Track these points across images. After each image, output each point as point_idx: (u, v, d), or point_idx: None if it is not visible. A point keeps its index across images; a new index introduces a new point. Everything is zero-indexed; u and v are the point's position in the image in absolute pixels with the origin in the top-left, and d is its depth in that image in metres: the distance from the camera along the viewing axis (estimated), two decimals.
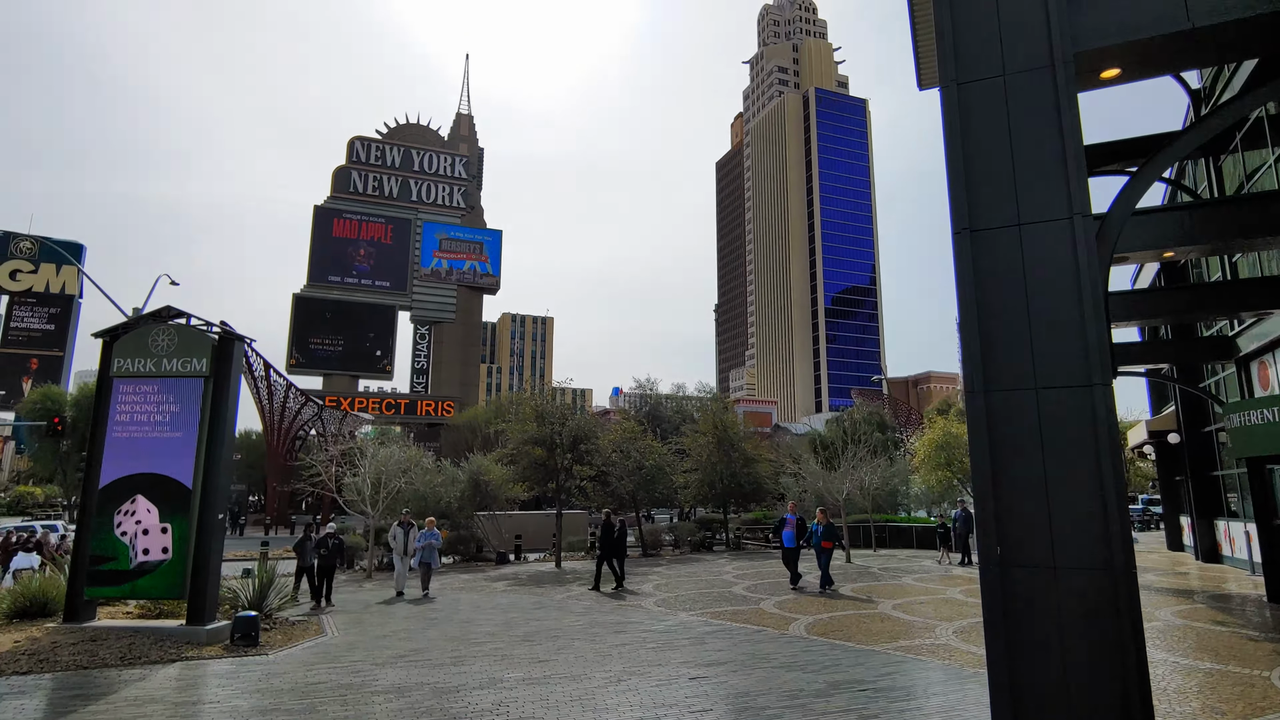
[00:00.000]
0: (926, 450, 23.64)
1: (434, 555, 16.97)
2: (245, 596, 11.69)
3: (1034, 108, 5.89)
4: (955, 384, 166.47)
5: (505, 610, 13.91)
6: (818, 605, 13.93)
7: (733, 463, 30.66)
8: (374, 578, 21.61)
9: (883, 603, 14.04)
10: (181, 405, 10.65)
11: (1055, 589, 5.23)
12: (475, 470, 26.76)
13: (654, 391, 50.64)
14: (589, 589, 17.11)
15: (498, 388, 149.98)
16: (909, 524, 28.06)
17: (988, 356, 5.80)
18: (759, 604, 14.12)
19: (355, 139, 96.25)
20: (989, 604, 5.48)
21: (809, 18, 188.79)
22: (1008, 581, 5.41)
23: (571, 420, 24.59)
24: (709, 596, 15.43)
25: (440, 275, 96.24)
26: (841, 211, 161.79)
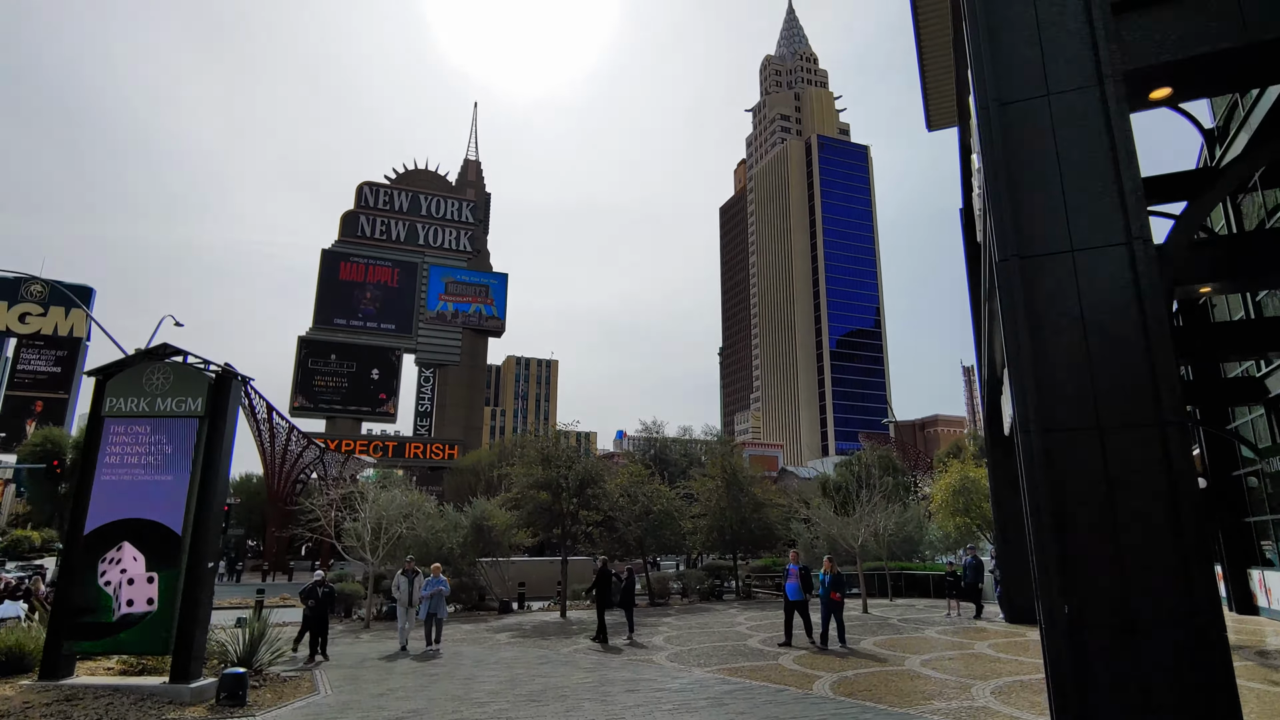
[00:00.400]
0: (944, 495, 22.91)
1: (442, 605, 15.68)
2: (235, 650, 11.01)
3: (1083, 127, 5.52)
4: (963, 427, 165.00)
5: (509, 665, 13.15)
6: (840, 661, 13.15)
7: (742, 507, 29.89)
8: (372, 628, 20.79)
9: (909, 658, 13.25)
10: (174, 446, 10.18)
11: (1135, 652, 4.65)
12: (479, 515, 26.03)
13: (660, 434, 49.96)
14: (592, 639, 16.35)
15: (501, 430, 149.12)
16: (925, 572, 27.11)
17: (1042, 392, 5.31)
18: (778, 659, 13.35)
19: (364, 184, 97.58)
20: (1056, 670, 4.88)
21: (810, 68, 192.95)
22: (1077, 644, 4.83)
23: (578, 463, 23.98)
24: (724, 650, 14.65)
25: (446, 318, 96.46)
26: (845, 255, 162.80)
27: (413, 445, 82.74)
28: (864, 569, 29.49)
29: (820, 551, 33.72)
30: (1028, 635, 16.24)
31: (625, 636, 16.71)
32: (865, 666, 12.44)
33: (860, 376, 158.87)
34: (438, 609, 15.49)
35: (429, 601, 15.44)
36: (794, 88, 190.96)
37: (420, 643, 15.84)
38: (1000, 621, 18.84)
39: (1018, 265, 5.46)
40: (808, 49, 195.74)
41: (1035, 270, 5.44)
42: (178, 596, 9.66)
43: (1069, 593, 4.88)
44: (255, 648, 11.14)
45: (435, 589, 15.61)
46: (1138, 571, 4.73)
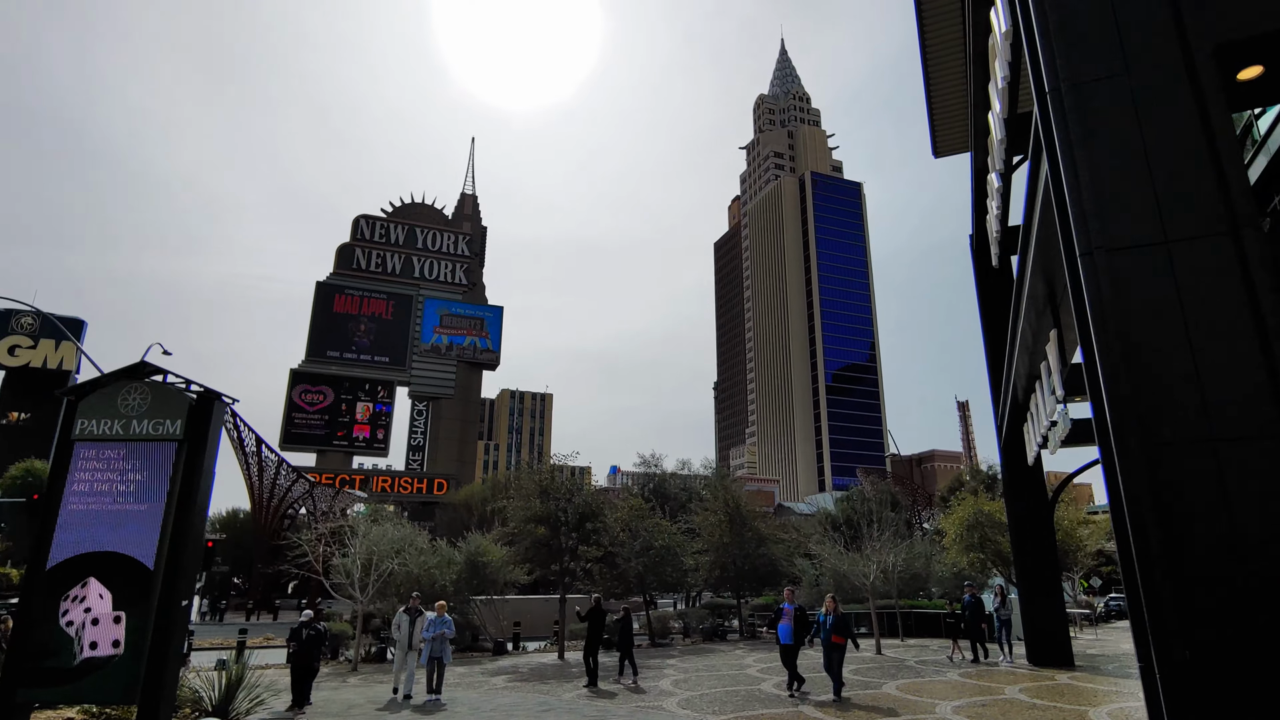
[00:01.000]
0: (957, 529, 22.06)
1: (446, 649, 14.15)
2: (210, 698, 10.05)
3: (1169, 105, 4.95)
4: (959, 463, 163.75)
5: (509, 714, 12.16)
6: (867, 710, 12.22)
7: (746, 543, 28.93)
8: (360, 670, 19.67)
9: (939, 704, 12.33)
10: (149, 473, 9.38)
11: None
12: (473, 551, 25.00)
13: (659, 468, 48.94)
14: (585, 686, 15.33)
15: (495, 465, 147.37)
16: (936, 610, 26.09)
17: (1139, 402, 4.62)
18: (798, 707, 12.40)
19: (360, 217, 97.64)
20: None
21: (803, 107, 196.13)
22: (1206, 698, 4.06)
23: (578, 496, 23.08)
24: (737, 696, 13.67)
25: (440, 351, 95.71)
26: (839, 290, 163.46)
27: (405, 480, 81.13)
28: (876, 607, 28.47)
29: (825, 589, 32.70)
30: (1057, 678, 15.31)
31: (626, 680, 15.73)
32: (897, 715, 11.52)
33: (856, 411, 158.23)
34: (441, 653, 14.01)
35: (431, 645, 13.94)
36: (787, 126, 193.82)
37: (422, 692, 14.32)
38: (1021, 663, 17.88)
39: (1105, 259, 4.82)
40: (800, 88, 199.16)
41: (1123, 265, 4.80)
42: (147, 639, 8.76)
43: (1188, 633, 4.13)
44: (232, 695, 10.18)
45: (439, 631, 14.09)
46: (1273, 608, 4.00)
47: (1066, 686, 14.21)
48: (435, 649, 13.92)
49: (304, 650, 12.21)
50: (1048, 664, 17.30)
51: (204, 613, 50.06)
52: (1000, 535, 21.70)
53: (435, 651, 13.90)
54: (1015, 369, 13.98)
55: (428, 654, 13.96)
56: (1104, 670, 16.66)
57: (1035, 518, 18.46)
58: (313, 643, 12.36)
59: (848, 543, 28.25)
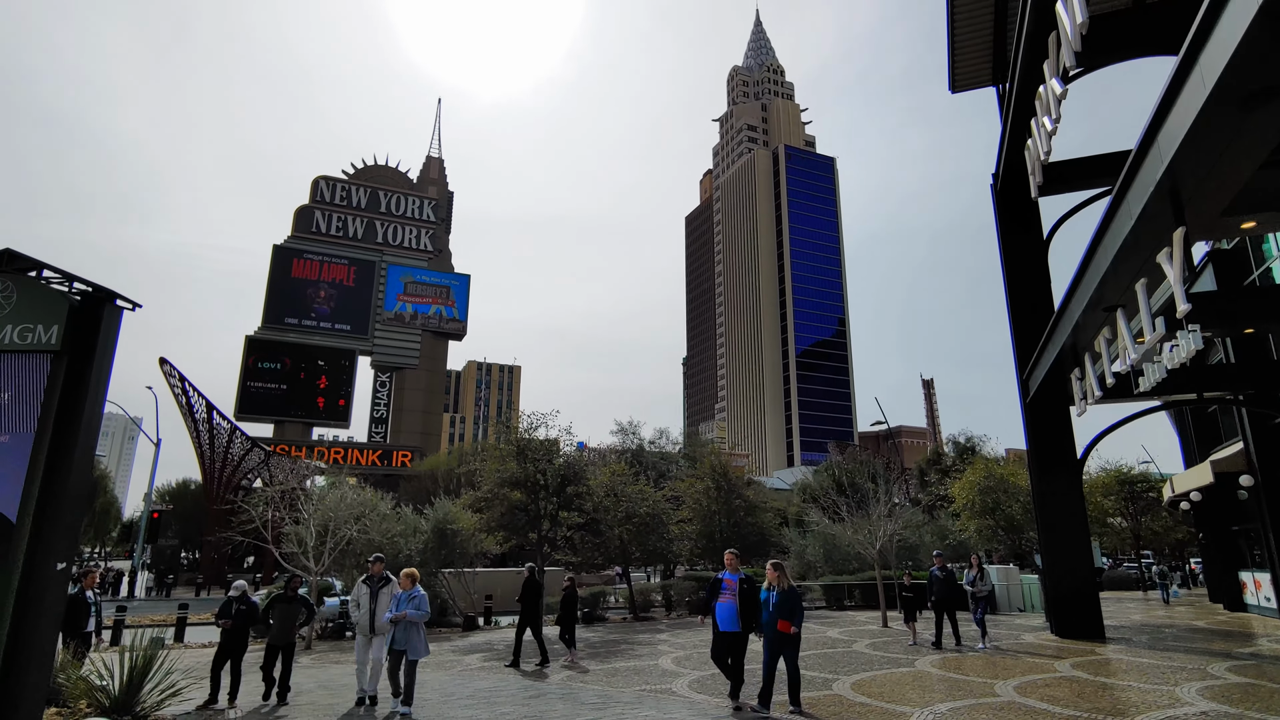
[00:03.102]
0: (969, 494, 20.55)
1: (417, 638, 9.54)
2: (110, 689, 7.85)
3: None
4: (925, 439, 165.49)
5: (490, 701, 10.13)
6: (912, 685, 10.49)
7: (734, 511, 27.23)
8: (314, 649, 17.49)
9: (997, 683, 10.64)
10: (14, 395, 7.10)
11: None
12: (441, 518, 22.83)
13: (637, 436, 47.07)
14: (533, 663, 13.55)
15: (461, 438, 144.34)
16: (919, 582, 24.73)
17: None
18: (830, 686, 10.60)
19: (320, 178, 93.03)
20: None
21: (777, 79, 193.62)
22: None
23: (559, 458, 20.99)
24: (751, 673, 11.85)
25: (404, 319, 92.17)
26: (811, 265, 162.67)
27: (367, 452, 78.05)
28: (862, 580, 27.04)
29: (814, 560, 31.26)
30: (1101, 651, 13.82)
31: (562, 660, 13.96)
32: (959, 696, 9.78)
33: (826, 387, 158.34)
34: (408, 644, 9.42)
35: (395, 632, 9.51)
36: (761, 99, 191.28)
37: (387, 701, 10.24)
38: (1048, 636, 16.43)
39: None
40: (775, 61, 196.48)
41: None
42: (7, 613, 6.55)
43: None
44: (138, 684, 7.97)
45: (405, 611, 9.46)
46: None
47: (1113, 659, 12.69)
48: (400, 638, 9.40)
49: (236, 630, 9.94)
50: (1076, 636, 15.87)
51: (150, 588, 47.10)
52: (1014, 502, 20.23)
53: (400, 642, 9.39)
54: (1073, 307, 12.18)
55: (390, 644, 9.58)
56: (1137, 642, 15.26)
57: (1064, 477, 16.95)
58: (242, 619, 10.06)
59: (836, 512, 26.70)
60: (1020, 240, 18.62)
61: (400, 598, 9.68)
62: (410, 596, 9.63)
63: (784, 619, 9.01)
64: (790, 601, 9.16)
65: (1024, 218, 18.70)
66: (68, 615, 10.75)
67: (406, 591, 9.69)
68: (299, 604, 10.81)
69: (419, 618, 9.52)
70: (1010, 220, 18.85)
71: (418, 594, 9.69)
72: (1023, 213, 18.72)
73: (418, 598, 9.63)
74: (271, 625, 10.42)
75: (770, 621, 9.14)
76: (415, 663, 9.55)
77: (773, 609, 9.13)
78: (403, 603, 9.58)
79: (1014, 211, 18.81)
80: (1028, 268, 18.39)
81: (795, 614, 9.11)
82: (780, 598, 9.17)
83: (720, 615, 9.53)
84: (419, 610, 9.53)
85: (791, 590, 9.25)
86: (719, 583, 9.74)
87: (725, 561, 10.03)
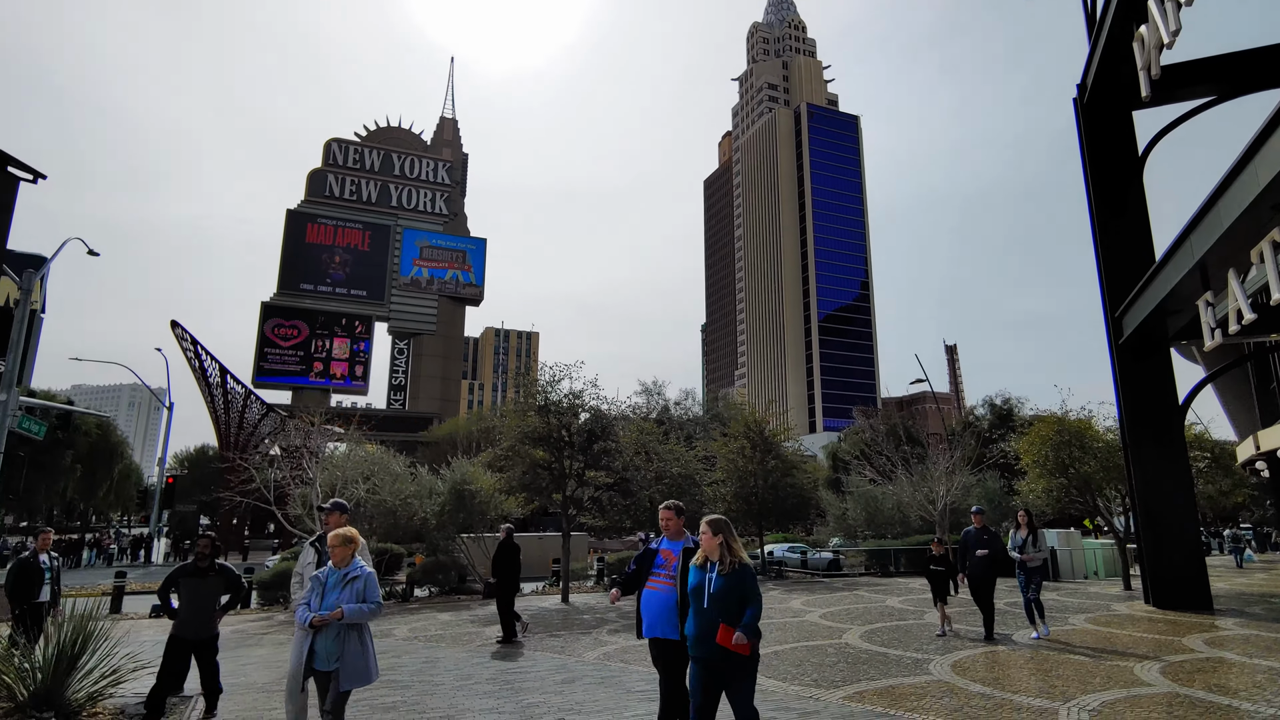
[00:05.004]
0: (1040, 449, 18.49)
1: (361, 650, 5.29)
2: (29, 679, 6.16)
3: None
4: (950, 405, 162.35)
5: (515, 687, 8.37)
6: (1028, 668, 8.64)
7: (770, 472, 25.35)
8: None
9: (1143, 665, 8.73)
10: None
11: None
12: (459, 479, 21.16)
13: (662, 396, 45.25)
14: (498, 642, 11.67)
15: (480, 405, 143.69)
16: None
17: None
18: (926, 669, 8.74)
19: (332, 140, 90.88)
20: None
21: (798, 36, 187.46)
22: None
23: (584, 411, 19.15)
24: (816, 653, 10.05)
25: (420, 285, 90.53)
26: (834, 227, 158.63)
27: (385, 418, 76.91)
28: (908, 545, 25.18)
29: (855, 523, 29.40)
30: (1224, 625, 11.85)
31: (514, 636, 11.87)
32: (1105, 686, 7.89)
33: (848, 352, 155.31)
34: (348, 664, 5.20)
35: (326, 640, 5.20)
36: (782, 56, 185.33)
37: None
38: (1144, 608, 14.48)
39: None
40: (796, 16, 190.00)
41: None
42: None
43: None
44: (68, 668, 6.26)
45: (345, 609, 5.19)
46: None
47: (1263, 639, 10.72)
48: (327, 650, 5.20)
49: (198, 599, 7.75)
50: (1180, 607, 13.89)
51: (168, 554, 46.46)
52: (1092, 460, 18.13)
53: (327, 657, 5.19)
54: (1223, 209, 9.96)
55: (322, 650, 5.20)
56: (1253, 614, 13.27)
57: (1163, 428, 14.83)
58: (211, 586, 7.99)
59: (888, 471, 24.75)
60: (1111, 159, 16.26)
61: (327, 581, 5.32)
62: (345, 577, 5.30)
63: (729, 622, 4.62)
64: (741, 590, 4.75)
65: (1116, 134, 16.32)
66: (16, 582, 9.14)
67: (340, 569, 5.35)
68: (218, 578, 7.38)
69: (361, 616, 5.18)
70: (1099, 137, 16.46)
71: (359, 571, 5.36)
72: (1114, 128, 16.34)
73: (359, 578, 5.32)
74: (175, 610, 7.20)
75: (701, 627, 4.74)
76: (347, 694, 5.23)
77: (708, 603, 4.76)
78: (333, 589, 5.25)
79: (1104, 127, 16.42)
80: (1120, 189, 16.06)
81: (749, 612, 4.70)
82: (725, 583, 4.75)
83: (649, 610, 5.37)
84: (363, 604, 5.21)
85: (744, 571, 4.80)
86: (649, 555, 5.56)
87: (661, 520, 5.67)
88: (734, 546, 4.86)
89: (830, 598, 17.38)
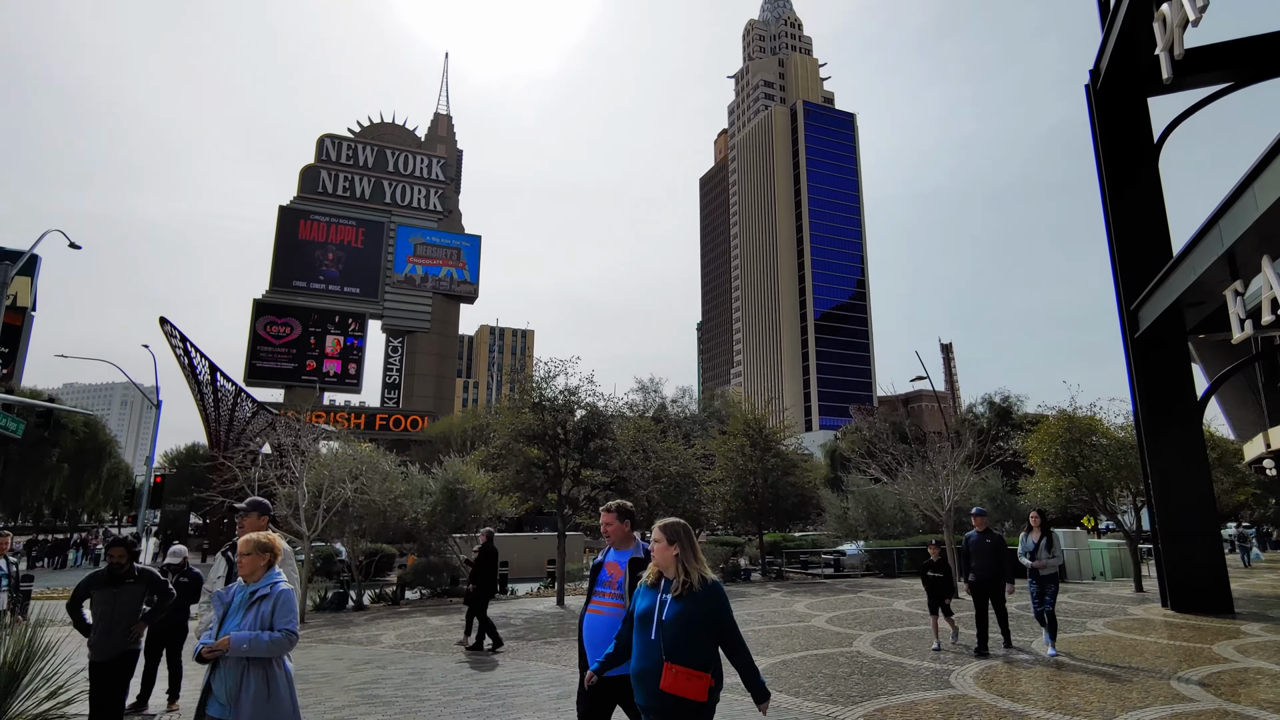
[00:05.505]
0: (1048, 447, 17.96)
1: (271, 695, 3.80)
2: None
3: None
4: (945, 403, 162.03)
5: (506, 703, 7.73)
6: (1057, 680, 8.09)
7: (770, 471, 24.80)
8: (308, 621, 15.35)
9: (1175, 681, 8.18)
10: None
11: None
12: (450, 478, 20.54)
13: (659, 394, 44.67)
14: (468, 648, 11.24)
15: (475, 403, 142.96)
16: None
17: None
18: (947, 680, 8.17)
19: (325, 136, 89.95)
20: None
21: (794, 33, 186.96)
22: None
23: (580, 408, 18.55)
24: (828, 662, 9.48)
25: (415, 282, 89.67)
26: (830, 225, 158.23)
27: (379, 416, 76.11)
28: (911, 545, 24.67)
29: (856, 523, 28.84)
30: (1252, 630, 11.31)
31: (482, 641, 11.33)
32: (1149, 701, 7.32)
33: (845, 350, 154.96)
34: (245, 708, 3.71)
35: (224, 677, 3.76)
36: (778, 53, 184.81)
37: None
38: (1160, 610, 13.96)
39: None
40: (792, 14, 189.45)
41: None
42: None
43: None
44: (3, 691, 5.64)
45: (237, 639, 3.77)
46: None
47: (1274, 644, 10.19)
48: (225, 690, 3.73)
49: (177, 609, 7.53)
50: (1199, 610, 13.38)
51: (155, 554, 45.68)
52: (1102, 457, 17.62)
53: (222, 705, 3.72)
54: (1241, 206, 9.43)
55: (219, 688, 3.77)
56: (1276, 617, 12.75)
57: (1182, 424, 14.31)
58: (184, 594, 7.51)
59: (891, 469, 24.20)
60: (1125, 147, 15.72)
61: (232, 600, 4.02)
62: (254, 595, 3.96)
63: (683, 659, 3.41)
64: (700, 618, 3.50)
65: (1130, 121, 15.78)
66: None
67: (250, 585, 4.01)
68: (137, 586, 6.32)
69: (260, 649, 3.78)
70: (1113, 124, 15.91)
71: (272, 589, 3.98)
72: (1128, 115, 15.80)
73: (269, 598, 3.95)
74: (89, 626, 6.09)
75: (644, 665, 3.53)
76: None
77: (656, 634, 3.51)
78: (236, 611, 3.94)
79: (1118, 114, 15.88)
80: (1134, 178, 15.52)
81: (715, 637, 3.57)
82: (682, 609, 3.52)
83: (592, 638, 4.20)
84: (264, 633, 3.82)
85: (710, 591, 3.58)
86: (595, 569, 4.40)
87: (602, 525, 4.44)
88: (693, 560, 3.64)
89: (834, 600, 16.83)
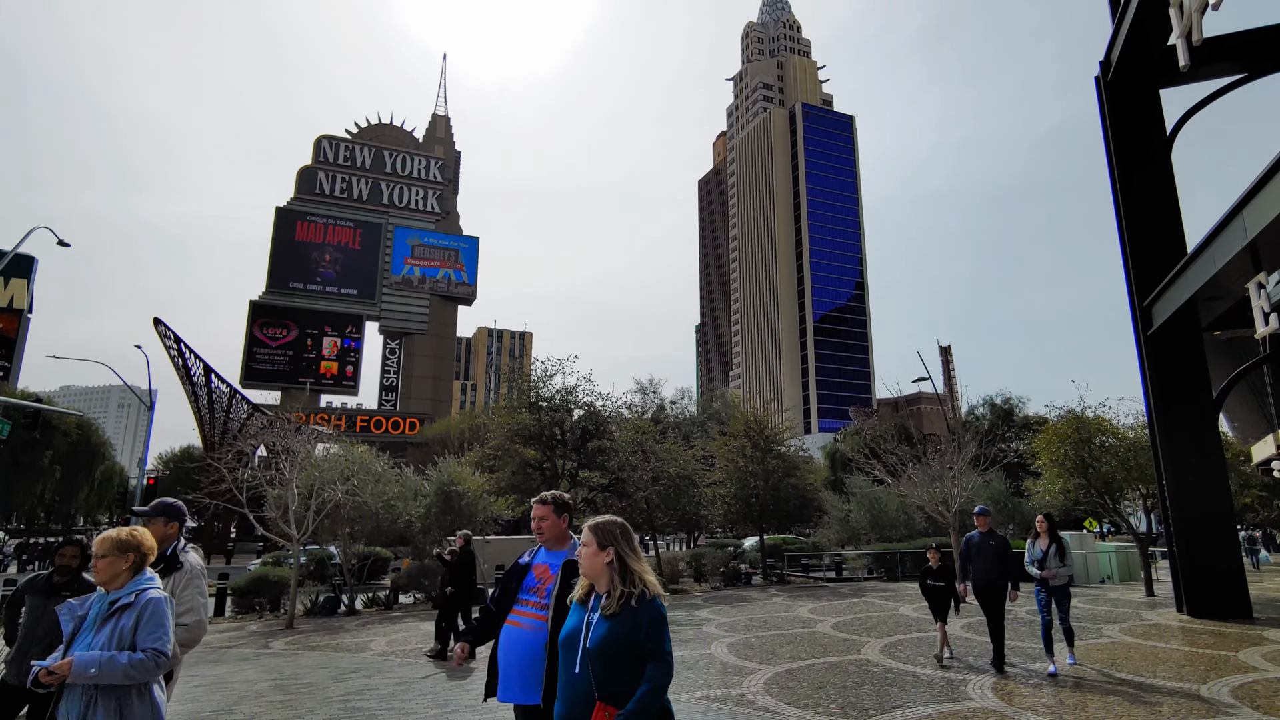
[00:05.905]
0: (1056, 448, 17.56)
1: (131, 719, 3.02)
2: None
3: None
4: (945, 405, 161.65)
5: (499, 717, 7.35)
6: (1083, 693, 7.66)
7: (771, 472, 24.36)
8: (297, 627, 14.91)
9: (1205, 689, 7.76)
10: None
11: None
12: (445, 480, 20.09)
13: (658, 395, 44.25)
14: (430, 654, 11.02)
15: (472, 405, 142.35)
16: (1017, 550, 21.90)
17: None
18: (964, 690, 7.75)
19: (322, 137, 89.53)
20: None
21: (793, 36, 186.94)
22: None
23: (578, 408, 18.11)
24: (836, 671, 9.05)
25: (412, 283, 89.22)
26: (829, 228, 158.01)
27: (377, 419, 75.54)
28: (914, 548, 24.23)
29: (858, 526, 28.39)
30: (1276, 637, 10.89)
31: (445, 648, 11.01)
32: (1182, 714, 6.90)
33: (844, 353, 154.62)
34: None
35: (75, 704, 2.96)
36: (776, 56, 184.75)
37: None
38: (1176, 616, 13.54)
39: None
40: (791, 16, 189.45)
41: None
42: None
43: None
44: None
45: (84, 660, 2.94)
46: None
47: None
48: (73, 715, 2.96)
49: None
50: (1217, 616, 12.96)
51: None
52: (1112, 458, 17.21)
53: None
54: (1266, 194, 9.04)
55: None
56: None
57: (1198, 425, 13.91)
58: None
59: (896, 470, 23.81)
60: (1137, 140, 15.34)
61: (89, 612, 3.22)
62: (113, 606, 3.18)
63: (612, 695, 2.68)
64: (634, 641, 2.73)
65: (1142, 113, 15.40)
66: None
67: (110, 594, 3.22)
68: None
69: (114, 674, 2.98)
70: (1124, 117, 15.53)
71: (136, 598, 3.19)
72: (1140, 107, 15.42)
73: (131, 608, 3.16)
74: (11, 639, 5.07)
75: (569, 701, 2.79)
76: None
77: (581, 663, 2.78)
78: (90, 628, 3.15)
79: (1129, 106, 15.50)
80: (1146, 171, 15.15)
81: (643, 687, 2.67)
82: (612, 630, 2.76)
83: (507, 657, 3.49)
84: (121, 654, 3.02)
85: (645, 609, 2.78)
86: (520, 572, 3.71)
87: (534, 519, 3.74)
88: (633, 567, 2.89)
89: (838, 605, 16.39)
